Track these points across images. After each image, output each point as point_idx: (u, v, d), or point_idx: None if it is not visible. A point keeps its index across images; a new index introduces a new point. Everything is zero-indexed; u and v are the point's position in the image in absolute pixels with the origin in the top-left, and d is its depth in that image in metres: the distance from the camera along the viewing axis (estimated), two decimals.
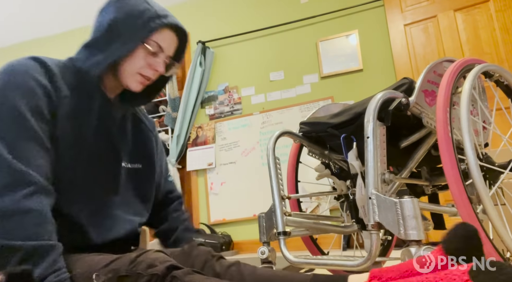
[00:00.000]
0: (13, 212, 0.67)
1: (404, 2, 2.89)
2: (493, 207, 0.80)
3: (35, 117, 0.74)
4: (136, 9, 0.84)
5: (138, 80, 0.88)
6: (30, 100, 0.74)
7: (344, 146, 1.04)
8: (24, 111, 0.73)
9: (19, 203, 0.68)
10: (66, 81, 0.82)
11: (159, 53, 0.88)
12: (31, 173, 0.70)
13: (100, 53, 0.83)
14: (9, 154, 0.69)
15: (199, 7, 3.51)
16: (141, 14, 0.84)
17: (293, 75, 3.11)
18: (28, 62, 0.78)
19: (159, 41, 0.87)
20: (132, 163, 0.96)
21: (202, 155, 3.17)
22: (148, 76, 0.89)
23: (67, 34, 3.86)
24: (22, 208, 0.68)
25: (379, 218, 0.77)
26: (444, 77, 0.92)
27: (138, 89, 0.90)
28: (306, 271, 1.48)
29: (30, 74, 0.76)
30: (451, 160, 0.79)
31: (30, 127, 0.73)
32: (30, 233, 0.67)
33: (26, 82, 0.75)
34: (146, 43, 0.85)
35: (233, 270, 0.83)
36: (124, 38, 0.83)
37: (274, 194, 1.05)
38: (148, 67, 0.88)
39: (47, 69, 0.79)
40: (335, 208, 2.71)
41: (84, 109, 0.84)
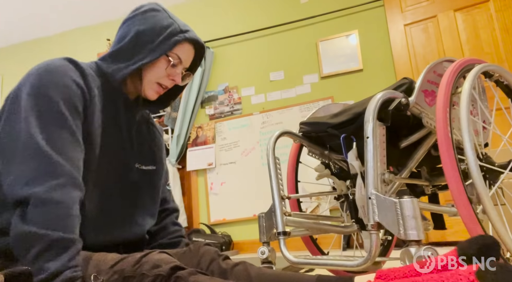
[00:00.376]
0: (43, 201, 0.68)
1: (404, 2, 2.89)
2: (493, 207, 0.80)
3: (71, 114, 0.78)
4: (161, 23, 0.90)
5: (155, 89, 0.94)
6: (67, 97, 0.78)
7: (344, 146, 1.04)
8: (62, 107, 0.77)
9: (49, 193, 0.69)
10: (94, 82, 0.87)
11: (178, 65, 0.95)
12: (64, 165, 0.73)
13: (125, 60, 0.89)
14: (47, 145, 0.72)
15: (199, 7, 3.51)
16: (166, 28, 0.90)
17: (293, 75, 3.11)
18: (63, 62, 0.82)
19: (180, 54, 0.93)
20: (146, 165, 0.99)
21: (202, 155, 3.17)
22: (165, 85, 0.95)
23: (67, 34, 3.86)
24: (52, 198, 0.69)
25: (379, 218, 0.77)
26: (444, 77, 0.92)
27: (154, 98, 0.96)
28: (306, 271, 1.48)
29: (67, 73, 0.80)
30: (451, 160, 0.79)
31: (67, 123, 0.77)
32: (56, 224, 0.68)
33: (64, 81, 0.79)
34: (169, 55, 0.91)
35: (239, 269, 0.83)
36: (149, 48, 0.89)
37: (274, 194, 1.05)
38: (167, 77, 0.94)
39: (81, 70, 0.84)
40: (335, 208, 2.70)
41: (110, 109, 0.89)
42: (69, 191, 0.72)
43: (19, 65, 3.94)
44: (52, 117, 0.75)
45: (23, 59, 3.94)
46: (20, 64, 3.94)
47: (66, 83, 0.79)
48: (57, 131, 0.75)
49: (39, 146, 0.72)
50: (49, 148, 0.72)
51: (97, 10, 3.59)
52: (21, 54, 3.96)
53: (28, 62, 3.91)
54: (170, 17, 0.93)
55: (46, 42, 3.90)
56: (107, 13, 3.65)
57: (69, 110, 0.78)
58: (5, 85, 3.95)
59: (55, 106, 0.76)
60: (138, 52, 0.88)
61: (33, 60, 3.90)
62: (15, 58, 3.97)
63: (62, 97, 0.77)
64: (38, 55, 3.89)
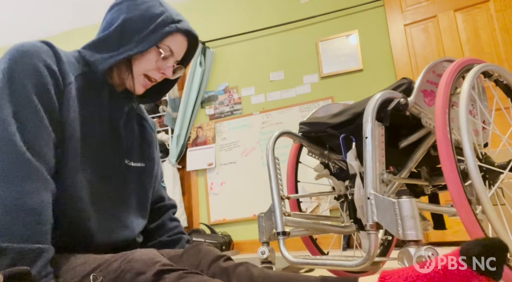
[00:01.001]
0: (11, 208, 0.65)
1: (404, 2, 2.89)
2: (492, 207, 0.80)
3: (42, 100, 0.72)
4: (151, 11, 0.83)
5: (141, 82, 0.88)
6: (37, 82, 0.72)
7: (343, 146, 1.04)
8: (31, 93, 0.71)
9: (19, 199, 0.65)
10: (73, 70, 0.80)
11: (170, 58, 0.88)
12: (36, 165, 0.68)
13: (110, 50, 0.82)
14: (18, 138, 0.68)
15: (199, 7, 3.51)
16: (156, 17, 0.83)
17: (293, 75, 3.11)
18: (38, 44, 0.76)
19: (171, 46, 0.86)
20: (135, 161, 0.93)
21: (202, 155, 3.17)
22: (154, 78, 0.88)
23: (67, 34, 3.86)
24: (22, 205, 0.65)
25: (378, 218, 0.77)
26: (443, 77, 0.92)
27: (140, 92, 0.90)
28: (306, 271, 1.48)
29: (40, 56, 0.74)
30: (450, 161, 0.79)
31: (37, 111, 0.71)
32: (23, 234, 0.65)
33: (35, 64, 0.73)
34: (159, 47, 0.85)
35: (241, 270, 0.80)
36: (137, 39, 0.82)
37: (274, 194, 1.05)
38: (157, 70, 0.87)
39: (57, 55, 0.78)
40: (335, 208, 2.70)
41: (91, 99, 0.83)
42: (41, 196, 0.68)
43: None
44: (23, 105, 0.70)
45: None
46: None
47: (37, 67, 0.73)
48: (28, 121, 0.69)
49: (11, 139, 0.67)
50: (20, 142, 0.67)
51: (97, 10, 3.59)
52: None
53: None
54: (161, 4, 0.86)
55: None
56: None
57: (39, 97, 0.72)
58: None
59: (26, 92, 0.70)
60: (125, 42, 0.82)
61: None
62: None
63: (32, 82, 0.71)
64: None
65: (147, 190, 0.97)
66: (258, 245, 2.80)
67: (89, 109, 0.82)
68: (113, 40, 0.82)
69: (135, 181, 0.93)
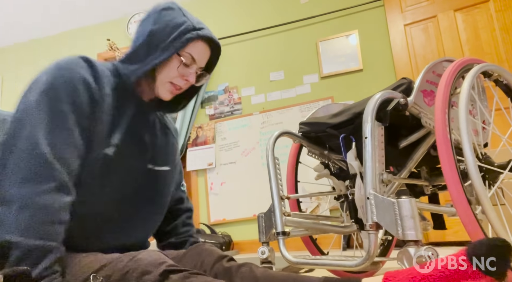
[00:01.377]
0: (28, 205, 0.67)
1: (404, 2, 2.89)
2: (492, 208, 0.80)
3: (75, 113, 0.77)
4: (174, 21, 0.88)
5: (168, 89, 0.92)
6: (73, 96, 0.77)
7: (343, 146, 1.04)
8: (65, 107, 0.76)
9: (37, 196, 0.68)
10: (108, 83, 0.86)
11: (192, 65, 0.91)
12: (58, 169, 0.72)
13: (139, 62, 0.88)
14: (46, 146, 0.71)
15: (199, 7, 3.51)
16: (178, 26, 0.88)
17: (293, 75, 3.11)
18: (77, 60, 0.82)
19: (193, 53, 0.90)
20: (158, 165, 0.97)
21: (202, 155, 3.18)
22: (179, 85, 0.92)
23: (67, 34, 3.86)
24: (38, 202, 0.68)
25: (377, 218, 0.77)
26: (443, 77, 0.92)
27: (168, 98, 0.94)
28: (306, 271, 1.48)
29: (78, 71, 0.80)
30: (449, 161, 0.79)
31: (68, 123, 0.76)
32: (35, 231, 0.67)
33: (72, 79, 0.78)
34: (181, 54, 0.89)
35: (245, 270, 0.81)
36: (161, 48, 0.87)
37: (273, 194, 1.05)
38: (180, 77, 0.91)
39: (94, 69, 0.84)
40: (335, 208, 2.70)
41: (124, 110, 0.88)
42: (57, 197, 0.71)
43: (19, 65, 3.94)
44: (55, 117, 0.75)
45: (23, 59, 3.94)
46: (20, 64, 3.94)
47: (74, 82, 0.78)
48: (57, 132, 0.74)
49: (38, 146, 0.71)
50: (46, 149, 0.72)
51: (97, 10, 3.59)
52: (21, 54, 3.96)
53: (28, 62, 3.91)
54: (184, 14, 0.90)
55: (46, 42, 3.91)
56: (107, 13, 3.65)
57: (73, 110, 0.77)
58: (5, 85, 3.95)
59: (59, 106, 0.75)
60: (151, 53, 0.87)
61: (33, 60, 3.90)
62: (15, 58, 3.98)
63: (68, 96, 0.77)
64: (38, 55, 3.89)
65: (167, 194, 1.01)
66: (258, 245, 2.80)
67: (122, 119, 0.87)
68: (141, 52, 0.88)
69: (156, 184, 0.96)
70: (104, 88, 0.84)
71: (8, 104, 3.86)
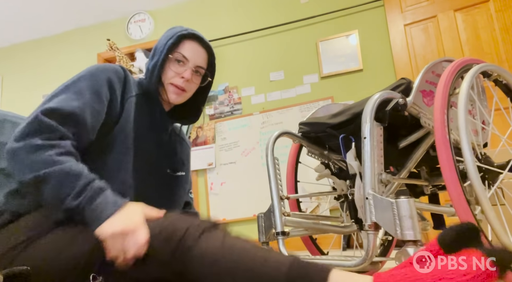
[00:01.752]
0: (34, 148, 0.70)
1: (404, 2, 2.89)
2: (491, 208, 0.80)
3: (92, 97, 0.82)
4: (171, 31, 0.99)
5: (171, 90, 0.98)
6: (94, 85, 0.84)
7: (342, 146, 1.04)
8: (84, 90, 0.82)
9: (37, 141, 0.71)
10: (134, 89, 0.95)
11: (185, 62, 0.98)
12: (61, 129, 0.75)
13: (149, 72, 0.98)
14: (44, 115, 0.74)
15: (199, 7, 3.52)
16: (172, 33, 0.98)
17: (293, 75, 3.11)
18: (114, 66, 0.92)
19: (183, 51, 0.98)
20: (176, 171, 1.05)
21: (202, 155, 3.18)
22: (178, 84, 0.97)
23: (67, 34, 3.87)
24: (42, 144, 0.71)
25: (376, 218, 0.77)
26: (442, 77, 0.92)
27: (176, 100, 0.99)
28: None
29: (107, 73, 0.88)
30: (449, 162, 0.79)
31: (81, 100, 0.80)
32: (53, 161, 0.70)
33: (99, 75, 0.86)
34: (172, 55, 0.97)
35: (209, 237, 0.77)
36: (158, 54, 0.97)
37: (273, 194, 1.05)
38: (177, 76, 0.97)
39: (126, 75, 0.93)
40: (335, 208, 2.70)
41: (145, 114, 0.95)
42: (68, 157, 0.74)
43: (19, 65, 3.94)
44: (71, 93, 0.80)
45: (23, 59, 3.94)
46: (20, 64, 3.94)
47: (109, 72, 0.87)
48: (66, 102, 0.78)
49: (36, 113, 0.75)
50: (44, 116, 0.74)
51: (97, 10, 3.59)
52: (21, 54, 3.96)
53: (28, 62, 3.91)
54: (181, 27, 1.01)
55: (46, 42, 3.91)
56: (107, 13, 3.65)
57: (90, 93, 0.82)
58: (5, 85, 3.95)
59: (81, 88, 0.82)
60: (154, 59, 0.97)
61: (33, 60, 3.90)
62: (15, 58, 3.98)
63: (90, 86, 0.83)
64: (38, 55, 3.89)
65: (182, 196, 1.08)
66: None
67: (144, 125, 0.94)
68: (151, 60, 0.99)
69: (174, 188, 1.04)
70: (129, 92, 0.92)
71: (8, 104, 3.86)
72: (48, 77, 3.79)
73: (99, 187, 0.71)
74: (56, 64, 3.80)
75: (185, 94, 1.00)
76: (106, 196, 0.71)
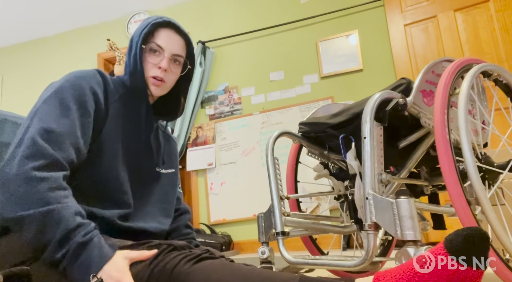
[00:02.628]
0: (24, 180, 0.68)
1: (404, 2, 2.89)
2: (491, 208, 0.80)
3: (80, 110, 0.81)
4: (146, 21, 0.96)
5: (152, 83, 0.96)
6: (78, 97, 0.82)
7: (342, 146, 1.04)
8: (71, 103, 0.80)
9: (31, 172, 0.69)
10: (117, 91, 0.93)
11: (160, 52, 0.95)
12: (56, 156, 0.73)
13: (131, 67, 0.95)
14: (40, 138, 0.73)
15: (199, 7, 3.51)
16: (143, 25, 0.95)
17: (293, 75, 3.11)
18: (91, 71, 0.89)
19: (157, 41, 0.95)
20: (165, 168, 1.06)
21: (202, 155, 3.18)
22: (156, 75, 0.95)
23: (67, 34, 3.87)
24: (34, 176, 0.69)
25: (376, 218, 0.77)
26: (442, 77, 0.92)
27: (157, 92, 0.97)
28: (306, 271, 1.48)
29: (88, 81, 0.86)
30: (449, 162, 0.79)
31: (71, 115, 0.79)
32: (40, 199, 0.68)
33: (80, 85, 0.84)
34: (146, 45, 0.94)
35: None
36: (134, 47, 0.94)
37: (273, 194, 1.05)
38: (154, 66, 0.95)
39: (104, 80, 0.90)
40: (335, 208, 2.71)
41: (133, 117, 0.95)
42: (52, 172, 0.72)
43: (19, 65, 3.95)
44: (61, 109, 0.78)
45: (23, 59, 3.95)
46: (20, 64, 3.94)
47: (82, 86, 0.84)
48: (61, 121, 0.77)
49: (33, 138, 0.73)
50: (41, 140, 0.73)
51: (97, 10, 3.59)
52: (21, 54, 3.96)
53: (28, 62, 3.92)
54: (149, 17, 0.98)
55: (46, 42, 3.91)
56: (107, 13, 3.65)
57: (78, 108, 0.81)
58: (5, 85, 3.95)
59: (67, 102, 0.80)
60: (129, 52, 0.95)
61: (33, 60, 3.90)
62: (15, 58, 3.98)
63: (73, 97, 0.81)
64: (38, 55, 3.90)
65: (174, 194, 1.08)
66: (258, 245, 2.80)
67: (131, 125, 0.94)
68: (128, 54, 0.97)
69: (165, 185, 1.05)
70: (112, 96, 0.90)
71: (8, 104, 3.86)
72: (48, 77, 3.79)
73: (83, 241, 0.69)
74: (56, 64, 3.80)
75: (164, 85, 0.97)
76: (91, 250, 0.69)
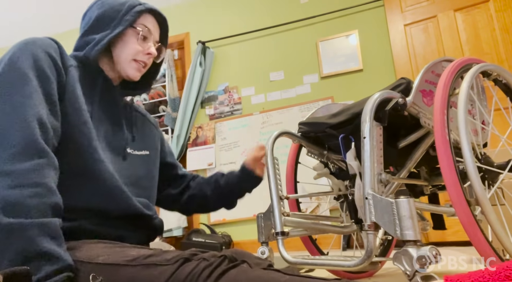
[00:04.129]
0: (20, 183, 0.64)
1: (404, 2, 2.89)
2: (491, 209, 0.80)
3: (42, 82, 0.75)
4: (118, 1, 0.92)
5: (135, 67, 0.93)
6: (37, 66, 0.76)
7: (342, 146, 1.03)
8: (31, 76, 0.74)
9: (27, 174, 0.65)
10: (72, 60, 0.86)
11: (149, 37, 0.94)
12: (40, 142, 0.69)
13: (93, 41, 0.88)
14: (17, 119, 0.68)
15: (199, 7, 3.51)
16: (123, 4, 0.91)
17: (293, 75, 3.11)
18: (44, 38, 0.83)
19: (146, 24, 0.92)
20: (139, 150, 0.98)
21: (202, 155, 3.17)
22: (143, 61, 0.93)
23: (68, 34, 3.87)
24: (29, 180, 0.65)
25: (375, 218, 0.77)
26: (442, 77, 0.92)
27: (136, 77, 0.94)
28: (306, 271, 1.48)
29: (42, 47, 0.80)
30: (448, 162, 0.79)
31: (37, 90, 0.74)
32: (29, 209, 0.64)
33: (37, 53, 0.78)
34: (136, 27, 0.91)
35: None
36: (113, 24, 0.88)
37: (272, 194, 1.05)
38: (142, 52, 0.92)
39: (61, 49, 0.84)
40: (335, 208, 2.70)
41: (91, 94, 0.87)
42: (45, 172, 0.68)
43: None
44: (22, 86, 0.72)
45: None
46: None
47: (37, 52, 0.78)
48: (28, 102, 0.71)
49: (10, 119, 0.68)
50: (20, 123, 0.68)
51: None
52: None
53: None
54: None
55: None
56: None
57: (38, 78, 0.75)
58: None
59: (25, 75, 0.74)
60: (103, 30, 0.88)
61: None
62: None
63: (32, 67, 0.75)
64: None
65: (153, 176, 1.01)
66: (258, 245, 2.79)
67: (89, 103, 0.86)
68: (92, 32, 0.89)
69: (141, 167, 0.97)
70: (69, 67, 0.83)
71: None
72: None
73: None
74: None
75: (144, 70, 0.95)
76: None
